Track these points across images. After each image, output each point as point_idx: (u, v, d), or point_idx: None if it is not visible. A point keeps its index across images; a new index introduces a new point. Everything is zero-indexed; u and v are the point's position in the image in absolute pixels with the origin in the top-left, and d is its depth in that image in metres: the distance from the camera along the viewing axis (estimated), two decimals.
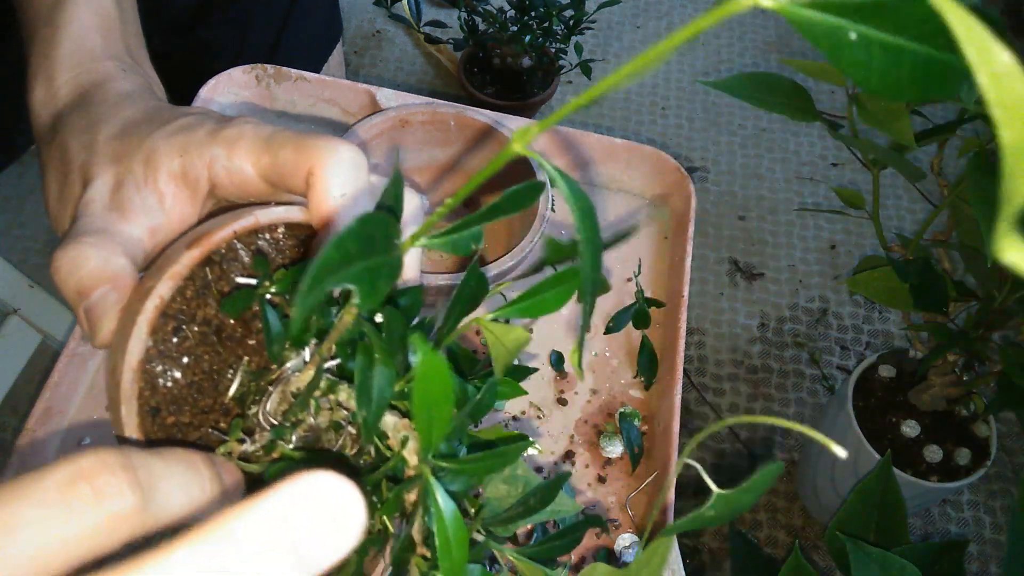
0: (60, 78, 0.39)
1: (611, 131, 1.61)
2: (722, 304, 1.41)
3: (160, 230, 0.34)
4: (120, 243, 0.32)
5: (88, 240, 0.32)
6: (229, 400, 0.32)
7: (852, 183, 1.58)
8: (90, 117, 0.37)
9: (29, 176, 1.46)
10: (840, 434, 1.01)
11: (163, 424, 0.31)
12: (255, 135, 0.33)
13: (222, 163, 0.33)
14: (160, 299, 0.29)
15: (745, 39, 1.81)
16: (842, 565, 0.59)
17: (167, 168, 0.34)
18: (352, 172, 0.32)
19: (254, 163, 0.33)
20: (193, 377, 0.31)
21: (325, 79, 0.67)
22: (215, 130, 0.34)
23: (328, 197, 0.32)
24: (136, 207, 0.34)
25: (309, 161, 0.32)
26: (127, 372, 0.29)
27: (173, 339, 0.30)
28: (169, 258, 0.31)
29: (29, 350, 1.10)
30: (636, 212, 0.67)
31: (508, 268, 0.53)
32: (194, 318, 0.31)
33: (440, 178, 0.63)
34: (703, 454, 1.26)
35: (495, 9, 1.42)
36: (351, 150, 0.33)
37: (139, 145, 0.35)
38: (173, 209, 0.34)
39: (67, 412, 0.53)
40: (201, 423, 0.32)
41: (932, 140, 0.67)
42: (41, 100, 0.40)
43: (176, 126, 0.35)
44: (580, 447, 0.54)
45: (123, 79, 0.40)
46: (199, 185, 0.34)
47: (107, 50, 0.41)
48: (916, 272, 0.73)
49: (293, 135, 0.33)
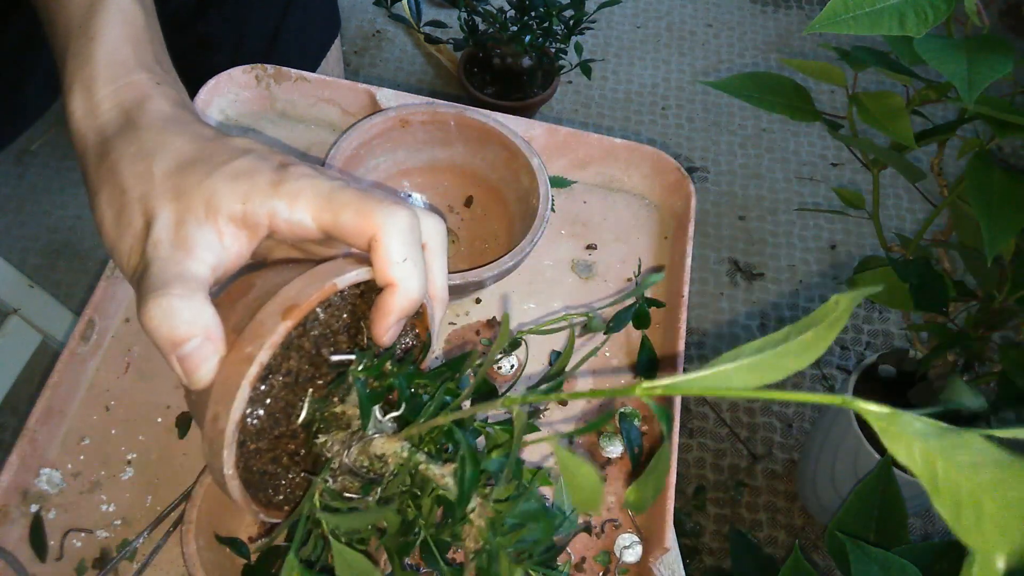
0: (99, 91, 0.41)
1: (611, 131, 1.61)
2: (722, 304, 1.41)
3: (220, 267, 0.37)
4: (198, 287, 0.36)
5: (176, 292, 0.35)
6: (297, 427, 0.39)
7: (852, 183, 1.58)
8: (140, 144, 0.39)
9: (29, 176, 1.46)
10: (840, 434, 1.01)
11: (246, 451, 0.37)
12: (316, 192, 0.37)
13: (284, 216, 0.37)
14: (260, 366, 0.34)
15: (745, 39, 1.81)
16: (842, 565, 0.59)
17: (228, 211, 0.37)
18: (410, 237, 0.37)
19: (314, 217, 0.36)
20: (273, 411, 0.37)
21: (325, 79, 0.67)
22: (276, 181, 0.37)
23: (391, 264, 0.36)
24: (198, 244, 0.36)
25: (371, 228, 0.36)
26: (231, 425, 0.35)
27: (261, 387, 0.36)
28: (264, 324, 0.35)
29: (29, 350, 1.10)
30: (636, 212, 0.67)
31: (508, 268, 0.53)
32: (279, 369, 0.37)
33: (440, 178, 0.63)
34: (703, 454, 1.26)
35: (495, 9, 1.42)
36: (408, 216, 0.36)
37: (198, 184, 0.37)
38: (231, 248, 0.37)
39: (67, 412, 0.53)
40: (275, 447, 0.38)
41: (932, 140, 0.67)
42: (81, 114, 0.42)
43: (235, 170, 0.37)
44: (580, 447, 0.54)
45: (160, 96, 0.42)
46: (258, 230, 0.37)
47: (138, 60, 0.43)
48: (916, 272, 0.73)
49: (354, 196, 0.36)
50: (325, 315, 0.38)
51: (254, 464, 0.38)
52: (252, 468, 0.38)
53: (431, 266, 0.40)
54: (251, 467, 0.38)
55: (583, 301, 0.61)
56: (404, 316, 0.38)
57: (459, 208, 0.63)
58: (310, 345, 0.38)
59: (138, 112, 0.41)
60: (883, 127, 0.63)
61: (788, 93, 0.69)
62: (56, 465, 0.51)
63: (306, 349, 0.38)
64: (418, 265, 0.37)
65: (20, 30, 0.71)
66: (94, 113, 0.41)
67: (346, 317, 0.39)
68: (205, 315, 0.35)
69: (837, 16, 0.53)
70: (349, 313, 0.39)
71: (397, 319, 0.38)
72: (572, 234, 0.65)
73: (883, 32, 0.53)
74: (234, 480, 0.37)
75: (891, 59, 0.66)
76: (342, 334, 0.39)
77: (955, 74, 0.52)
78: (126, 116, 0.41)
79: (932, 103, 0.65)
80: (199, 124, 0.41)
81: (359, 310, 0.40)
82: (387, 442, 0.37)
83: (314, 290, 0.35)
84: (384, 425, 0.38)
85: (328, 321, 0.38)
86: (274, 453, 0.39)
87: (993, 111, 0.57)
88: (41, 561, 0.48)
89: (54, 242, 1.39)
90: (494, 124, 0.59)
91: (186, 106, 0.43)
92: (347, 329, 0.40)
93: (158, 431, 0.53)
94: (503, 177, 0.60)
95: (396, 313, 0.37)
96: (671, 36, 1.81)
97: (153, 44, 0.45)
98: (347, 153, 0.56)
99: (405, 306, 0.37)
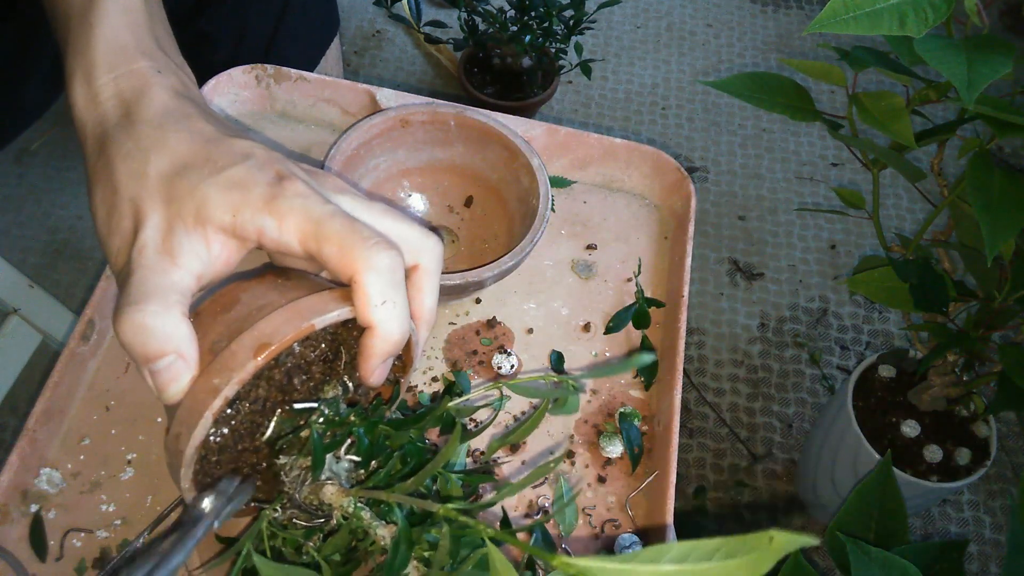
0: (99, 79, 0.41)
1: (611, 131, 1.61)
2: (722, 304, 1.41)
3: (206, 275, 0.37)
4: (176, 301, 0.35)
5: (151, 309, 0.35)
6: (262, 443, 0.39)
7: (852, 183, 1.58)
8: (137, 141, 0.39)
9: (29, 176, 1.46)
10: (840, 434, 1.01)
11: (208, 462, 0.37)
12: (306, 217, 0.36)
13: (272, 235, 0.36)
14: (225, 400, 0.35)
15: (745, 39, 1.81)
16: (842, 565, 0.59)
17: (218, 221, 0.36)
18: (389, 278, 0.36)
19: (300, 242, 0.36)
20: (237, 430, 0.38)
21: (325, 79, 0.67)
22: (269, 197, 0.36)
23: (371, 307, 0.36)
24: (185, 251, 0.36)
25: (352, 267, 0.35)
26: (189, 449, 0.35)
27: (227, 411, 0.37)
28: (236, 357, 0.35)
29: (29, 350, 1.10)
30: (636, 212, 0.67)
31: (508, 268, 0.53)
32: (247, 397, 0.37)
33: (440, 178, 0.63)
34: (703, 454, 1.26)
35: (495, 9, 1.42)
36: (389, 257, 0.36)
37: (191, 191, 0.37)
38: (219, 257, 0.37)
39: (67, 412, 0.53)
40: (237, 459, 0.38)
41: (932, 140, 0.67)
42: (83, 103, 0.41)
43: (229, 179, 0.37)
44: (580, 447, 0.54)
45: (161, 85, 0.41)
46: (247, 242, 0.37)
47: (139, 47, 0.43)
48: (916, 272, 0.73)
49: (340, 229, 0.36)
50: (301, 348, 0.38)
51: (214, 471, 0.38)
52: (211, 474, 0.38)
53: (422, 288, 0.40)
54: (210, 473, 0.38)
55: (583, 301, 0.61)
56: (388, 356, 0.38)
57: (459, 208, 0.63)
58: (281, 376, 0.38)
59: (137, 105, 0.40)
60: (883, 127, 0.63)
61: (788, 93, 0.69)
62: (56, 465, 0.51)
63: (277, 379, 0.38)
64: (399, 306, 0.37)
65: (19, 30, 0.71)
66: (95, 101, 0.41)
67: (324, 347, 0.39)
68: (179, 333, 0.35)
69: (837, 16, 0.53)
70: (328, 343, 0.39)
71: (381, 360, 0.38)
72: (572, 234, 0.65)
73: (883, 32, 0.53)
74: (190, 492, 0.37)
75: (891, 59, 0.66)
76: (317, 364, 0.39)
77: (955, 74, 0.52)
78: (125, 108, 0.40)
79: (932, 103, 0.65)
80: (200, 119, 0.40)
81: (340, 338, 0.40)
82: (336, 493, 0.38)
83: (291, 329, 0.35)
84: (340, 468, 0.39)
85: (304, 353, 0.38)
86: (235, 464, 0.39)
87: (993, 111, 0.57)
88: (41, 561, 0.48)
89: (54, 242, 1.39)
90: (494, 124, 0.59)
91: (188, 95, 0.42)
92: (324, 358, 0.39)
93: (158, 431, 0.53)
94: (503, 177, 0.60)
95: (378, 356, 0.38)
96: (671, 36, 1.81)
97: (154, 30, 0.44)
98: (347, 153, 0.56)
99: (387, 349, 0.37)
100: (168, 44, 0.45)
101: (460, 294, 0.56)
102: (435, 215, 0.63)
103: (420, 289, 0.40)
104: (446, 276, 0.52)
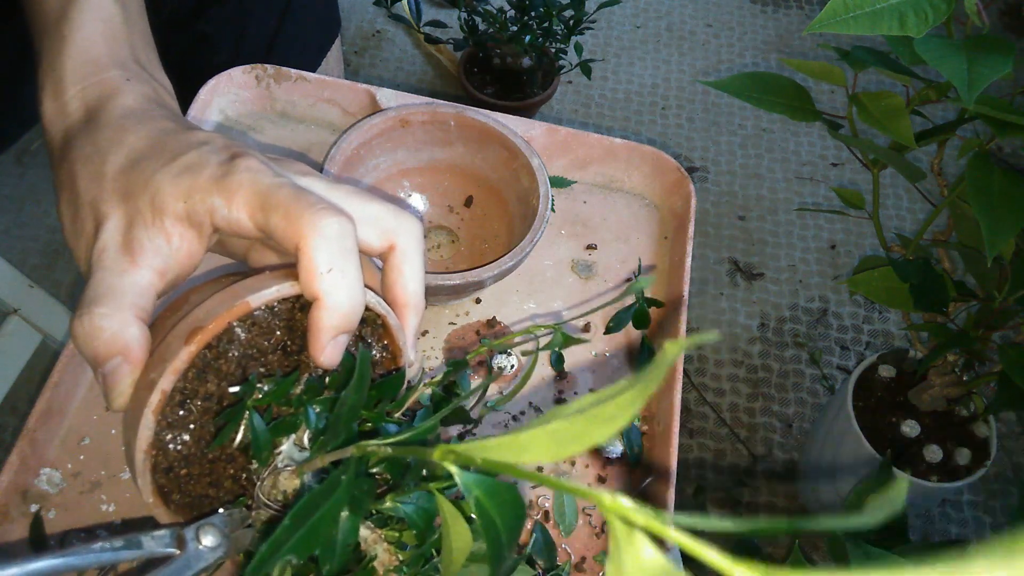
0: (67, 92, 0.40)
1: (611, 131, 1.61)
2: (722, 304, 1.41)
3: (169, 270, 0.36)
4: (131, 303, 0.34)
5: (101, 311, 0.34)
6: (234, 450, 0.36)
7: (852, 183, 1.58)
8: (96, 143, 0.37)
9: (29, 176, 1.46)
10: (840, 434, 1.01)
11: (177, 476, 0.35)
12: (253, 189, 0.34)
13: (222, 214, 0.34)
14: (163, 393, 0.33)
15: (745, 39, 1.81)
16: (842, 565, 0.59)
17: (172, 211, 0.35)
18: (338, 245, 0.33)
19: (250, 216, 0.34)
20: (201, 436, 0.35)
21: (325, 79, 0.67)
22: (218, 177, 0.35)
23: (315, 276, 0.33)
24: (146, 248, 0.35)
25: (296, 235, 0.33)
26: (138, 453, 0.33)
27: (180, 412, 0.34)
28: (170, 348, 0.33)
29: (29, 350, 1.10)
30: (636, 212, 0.67)
31: (508, 268, 0.53)
32: (197, 394, 0.35)
33: (440, 178, 0.63)
34: (703, 454, 1.26)
35: (495, 9, 1.42)
36: (337, 223, 0.33)
37: (145, 183, 0.35)
38: (180, 249, 0.36)
39: (67, 412, 0.53)
40: (212, 471, 0.36)
41: (932, 140, 0.67)
42: (51, 115, 0.40)
43: (181, 165, 0.35)
44: None
45: (128, 92, 0.40)
46: (203, 228, 0.35)
47: (112, 58, 0.41)
48: (916, 272, 0.73)
49: (287, 197, 0.34)
50: (248, 334, 0.35)
51: (192, 489, 0.36)
52: (190, 493, 0.36)
53: (402, 270, 0.37)
54: (189, 491, 0.36)
55: (583, 301, 0.61)
56: (340, 333, 0.35)
57: (459, 208, 0.63)
58: (232, 367, 0.35)
59: (100, 110, 0.39)
60: (883, 127, 0.64)
61: (788, 93, 0.69)
62: (56, 465, 0.51)
63: (227, 372, 0.35)
64: (348, 275, 0.33)
65: (19, 31, 0.71)
66: (62, 113, 0.40)
67: (279, 334, 0.36)
68: (127, 334, 0.33)
69: (837, 16, 0.53)
70: (284, 329, 0.36)
71: (331, 336, 0.34)
72: (572, 234, 0.65)
73: (883, 32, 0.53)
74: (158, 508, 0.35)
75: (891, 59, 0.66)
76: (275, 353, 0.36)
77: (955, 74, 0.52)
78: (89, 114, 0.39)
79: (932, 103, 0.65)
80: (164, 119, 0.39)
81: (299, 324, 0.37)
82: (288, 478, 0.35)
83: (223, 310, 0.33)
84: (303, 456, 0.36)
85: (253, 340, 0.35)
86: (212, 477, 0.36)
87: (993, 111, 0.57)
88: None
89: (54, 242, 1.39)
90: (494, 124, 0.59)
91: (158, 101, 0.41)
92: (283, 347, 0.37)
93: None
94: (503, 177, 0.60)
95: (327, 331, 0.34)
96: (671, 36, 1.81)
97: (132, 41, 0.43)
98: (347, 153, 0.56)
99: (335, 323, 0.34)
100: (146, 55, 0.44)
101: (460, 294, 0.56)
102: (435, 215, 0.63)
103: (400, 272, 0.37)
104: (446, 276, 0.52)
